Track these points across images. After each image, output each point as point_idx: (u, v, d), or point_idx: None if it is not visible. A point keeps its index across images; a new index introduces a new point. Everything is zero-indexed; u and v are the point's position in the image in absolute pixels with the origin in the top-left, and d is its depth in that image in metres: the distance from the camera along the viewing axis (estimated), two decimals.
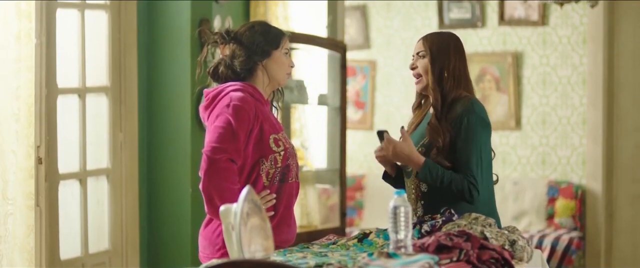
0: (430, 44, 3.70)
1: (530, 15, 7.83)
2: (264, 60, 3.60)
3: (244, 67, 3.58)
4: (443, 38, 3.73)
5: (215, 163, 3.41)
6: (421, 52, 3.71)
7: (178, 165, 5.37)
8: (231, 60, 3.60)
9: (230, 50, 3.61)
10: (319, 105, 6.49)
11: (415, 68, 3.73)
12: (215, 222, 3.55)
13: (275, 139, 3.55)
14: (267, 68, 3.62)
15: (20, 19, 4.40)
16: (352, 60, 8.13)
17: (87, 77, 5.04)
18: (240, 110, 3.46)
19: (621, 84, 7.60)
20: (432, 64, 3.67)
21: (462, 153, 3.58)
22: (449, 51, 3.69)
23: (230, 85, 3.56)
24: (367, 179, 8.30)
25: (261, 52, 3.60)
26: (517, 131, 7.89)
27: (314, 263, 2.95)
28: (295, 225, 3.67)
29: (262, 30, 3.62)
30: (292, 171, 3.61)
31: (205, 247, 3.59)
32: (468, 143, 3.58)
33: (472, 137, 3.58)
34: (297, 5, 6.54)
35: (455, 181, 3.56)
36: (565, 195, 7.64)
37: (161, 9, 5.41)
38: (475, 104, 3.63)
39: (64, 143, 4.82)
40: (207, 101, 3.59)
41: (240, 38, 3.60)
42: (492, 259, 3.08)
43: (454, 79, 3.66)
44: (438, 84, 3.66)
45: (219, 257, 3.48)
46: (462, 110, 3.60)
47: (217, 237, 3.52)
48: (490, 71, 7.93)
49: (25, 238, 4.42)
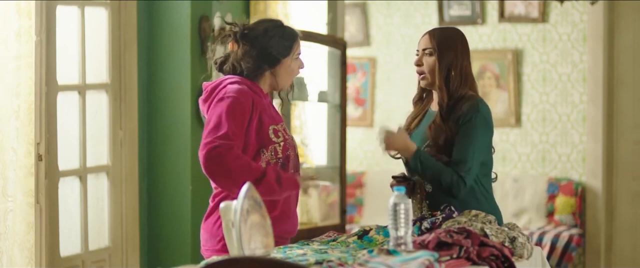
0: (438, 42, 3.65)
1: (530, 13, 7.83)
2: (272, 68, 3.59)
3: (250, 71, 3.57)
4: (450, 35, 3.69)
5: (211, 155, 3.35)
6: (428, 50, 3.66)
7: (178, 162, 5.37)
8: (239, 60, 3.58)
9: (241, 50, 3.58)
10: (319, 102, 6.49)
11: (421, 65, 3.70)
12: (215, 214, 3.54)
13: (275, 130, 3.55)
14: (275, 74, 3.60)
15: (20, 16, 4.40)
16: (352, 57, 8.13)
17: (87, 74, 5.03)
18: (234, 101, 3.44)
19: (621, 81, 7.60)
20: (440, 62, 3.63)
21: (459, 150, 3.57)
22: (457, 49, 3.66)
23: (228, 78, 3.55)
24: (367, 176, 8.30)
25: (271, 60, 3.57)
26: (517, 128, 7.89)
27: (314, 260, 2.95)
28: (296, 216, 3.66)
29: (276, 34, 3.57)
30: (291, 162, 3.60)
31: (207, 241, 3.58)
32: (467, 141, 3.57)
33: (472, 136, 3.57)
34: (297, 3, 6.54)
35: (445, 174, 3.54)
36: (565, 192, 7.64)
37: (161, 5, 5.41)
38: (481, 104, 3.62)
39: (64, 141, 4.82)
40: (206, 94, 3.58)
41: (253, 41, 3.56)
42: (492, 256, 3.09)
43: (461, 78, 3.64)
44: (445, 82, 3.64)
45: (220, 249, 3.49)
46: (467, 109, 3.59)
47: (217, 229, 3.51)
48: (490, 68, 7.93)
49: (25, 235, 4.42)
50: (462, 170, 3.54)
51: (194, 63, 5.39)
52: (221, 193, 3.56)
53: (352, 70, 8.35)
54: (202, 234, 3.62)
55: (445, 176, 3.54)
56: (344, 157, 6.61)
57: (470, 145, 3.57)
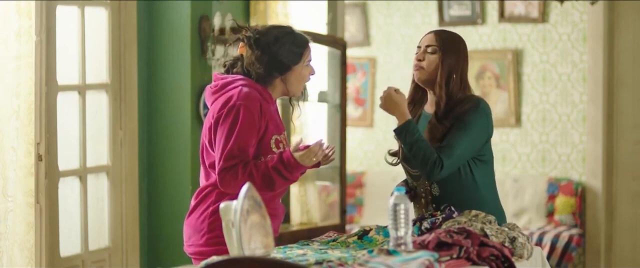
0: (443, 42, 3.65)
1: (530, 13, 7.83)
2: (283, 75, 3.59)
3: (261, 77, 3.57)
4: (455, 38, 3.70)
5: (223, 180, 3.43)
6: (432, 47, 3.65)
7: (178, 162, 5.37)
8: (250, 65, 3.57)
9: (253, 56, 3.56)
10: (319, 102, 6.49)
11: (422, 60, 3.70)
12: (199, 209, 3.54)
13: (277, 141, 3.55)
14: (285, 81, 3.60)
15: (20, 16, 4.41)
16: (352, 57, 8.13)
17: (87, 74, 5.04)
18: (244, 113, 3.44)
19: (621, 81, 7.60)
20: (443, 63, 3.63)
21: (450, 136, 3.55)
22: (460, 53, 3.67)
23: (240, 79, 3.54)
24: (367, 176, 8.30)
25: (282, 67, 3.57)
26: (517, 128, 7.89)
27: (314, 260, 2.95)
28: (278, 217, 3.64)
29: (287, 41, 3.56)
30: None
31: (190, 236, 3.56)
32: (460, 131, 3.55)
33: (466, 129, 3.55)
34: (297, 3, 6.54)
35: (426, 151, 3.51)
36: (565, 192, 7.64)
37: (161, 5, 5.41)
38: (483, 103, 3.62)
39: (64, 141, 4.82)
40: (216, 87, 3.56)
41: (264, 48, 3.55)
42: (492, 256, 3.09)
43: (461, 82, 3.65)
44: (446, 83, 3.64)
45: (203, 243, 3.49)
46: (469, 107, 3.59)
47: (201, 223, 3.52)
48: (491, 68, 7.93)
49: (25, 235, 4.42)
50: (444, 153, 3.52)
51: (194, 63, 5.39)
52: (203, 192, 3.56)
53: (352, 70, 8.35)
54: (186, 230, 3.59)
55: (425, 152, 3.51)
56: (344, 157, 6.61)
57: (462, 135, 3.54)
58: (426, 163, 3.51)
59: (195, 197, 3.60)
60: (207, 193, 3.54)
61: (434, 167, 3.51)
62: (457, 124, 3.57)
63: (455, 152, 3.53)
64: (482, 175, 3.64)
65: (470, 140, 3.56)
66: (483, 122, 3.60)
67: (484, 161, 3.65)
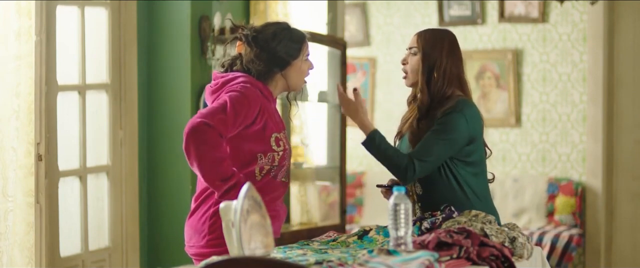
0: (423, 42, 3.63)
1: (530, 12, 7.83)
2: (283, 70, 3.60)
3: (261, 74, 3.57)
4: (437, 36, 3.65)
5: (198, 129, 3.35)
6: (413, 49, 3.65)
7: (178, 162, 5.37)
8: (249, 63, 3.58)
9: (251, 54, 3.57)
10: (319, 102, 6.49)
11: (406, 64, 3.69)
12: (200, 211, 3.54)
13: (277, 139, 3.55)
14: (286, 76, 3.61)
15: (20, 16, 4.41)
16: (352, 57, 8.13)
17: (87, 74, 5.04)
18: (242, 97, 3.45)
19: (621, 81, 7.60)
20: (423, 63, 3.61)
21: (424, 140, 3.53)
22: (442, 51, 3.61)
23: (241, 76, 3.55)
24: (367, 176, 8.30)
25: (282, 62, 3.58)
26: (517, 128, 7.89)
27: (314, 260, 2.95)
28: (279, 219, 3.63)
29: (285, 37, 3.58)
30: (283, 170, 3.60)
31: (191, 237, 3.56)
32: (434, 134, 3.52)
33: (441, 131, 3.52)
34: (297, 3, 6.54)
35: (395, 159, 3.52)
36: (565, 192, 7.64)
37: (161, 5, 5.41)
38: (464, 104, 3.56)
39: (64, 140, 4.82)
40: (216, 85, 3.57)
41: (263, 45, 3.56)
42: (492, 256, 3.09)
43: (444, 80, 3.60)
44: (427, 84, 3.62)
45: (204, 244, 3.49)
46: (446, 108, 3.55)
47: (202, 224, 3.52)
48: (491, 68, 7.93)
49: (25, 235, 4.42)
50: (417, 156, 3.50)
51: (194, 63, 5.39)
52: (203, 193, 3.56)
53: (352, 70, 8.35)
54: (186, 231, 3.60)
55: (394, 160, 3.52)
56: (344, 157, 6.61)
57: (436, 138, 3.51)
58: (398, 170, 3.53)
59: (196, 199, 3.59)
60: (208, 195, 3.54)
61: (406, 172, 3.51)
62: (434, 126, 3.55)
63: (428, 155, 3.51)
64: (468, 175, 3.60)
65: (446, 142, 3.52)
66: (461, 123, 3.53)
67: (468, 162, 3.60)
